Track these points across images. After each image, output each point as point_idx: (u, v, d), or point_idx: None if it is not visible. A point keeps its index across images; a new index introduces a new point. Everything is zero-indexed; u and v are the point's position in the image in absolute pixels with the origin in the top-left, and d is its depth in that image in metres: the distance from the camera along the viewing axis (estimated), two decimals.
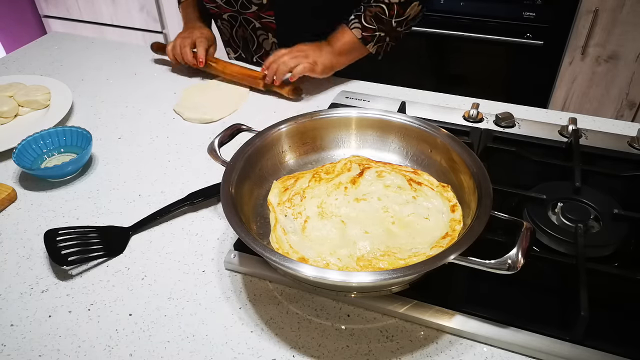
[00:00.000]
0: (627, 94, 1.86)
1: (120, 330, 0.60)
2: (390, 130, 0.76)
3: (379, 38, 1.01)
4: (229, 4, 1.07)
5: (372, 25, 0.99)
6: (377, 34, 1.00)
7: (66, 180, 0.83)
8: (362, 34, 0.99)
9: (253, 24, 1.09)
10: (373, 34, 1.00)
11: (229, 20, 1.12)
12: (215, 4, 1.09)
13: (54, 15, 2.54)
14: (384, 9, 0.98)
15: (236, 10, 1.08)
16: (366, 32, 0.99)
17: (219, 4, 1.08)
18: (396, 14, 0.98)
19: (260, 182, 0.71)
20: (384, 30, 1.00)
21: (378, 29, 0.99)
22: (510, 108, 0.98)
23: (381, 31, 1.00)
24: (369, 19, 0.99)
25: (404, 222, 0.65)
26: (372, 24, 0.99)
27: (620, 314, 0.60)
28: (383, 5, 0.98)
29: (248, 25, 1.10)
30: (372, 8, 0.99)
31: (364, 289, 0.58)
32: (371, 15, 0.99)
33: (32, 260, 0.69)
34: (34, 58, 1.23)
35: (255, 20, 1.08)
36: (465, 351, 0.57)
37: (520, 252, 0.53)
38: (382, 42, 1.02)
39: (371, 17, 0.99)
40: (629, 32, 1.74)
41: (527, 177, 0.82)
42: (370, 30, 0.99)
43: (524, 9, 1.80)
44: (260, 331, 0.59)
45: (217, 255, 0.69)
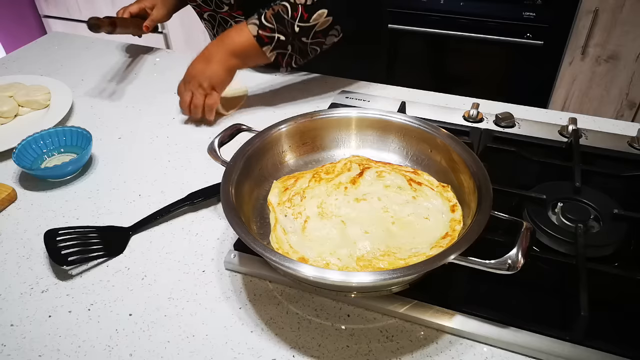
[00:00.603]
0: (627, 94, 1.86)
1: (120, 330, 0.60)
2: (390, 130, 0.77)
3: (279, 42, 0.88)
4: (206, 3, 1.05)
5: (271, 24, 0.87)
6: (275, 35, 0.87)
7: (66, 180, 0.83)
8: (258, 32, 0.87)
9: (230, 23, 1.07)
10: (271, 34, 0.87)
11: (209, 19, 1.11)
12: (195, 2, 1.07)
13: (54, 15, 2.54)
14: (287, 8, 0.87)
15: (212, 10, 1.06)
16: (263, 30, 0.87)
17: (199, 3, 1.07)
18: (300, 16, 0.87)
19: (260, 182, 0.71)
20: (284, 33, 0.88)
21: (277, 29, 0.87)
22: (510, 108, 0.98)
23: (281, 34, 0.87)
24: (270, 16, 0.87)
25: (404, 222, 0.65)
26: (271, 23, 0.87)
27: (620, 314, 0.60)
28: (286, 4, 0.87)
29: (226, 24, 1.08)
30: (276, 6, 0.88)
31: (364, 289, 0.58)
32: (272, 13, 0.87)
33: (32, 260, 0.69)
34: (34, 58, 1.23)
35: (231, 20, 1.06)
36: (465, 351, 0.57)
37: (520, 252, 0.53)
38: (283, 50, 0.90)
39: (272, 15, 0.87)
40: (629, 32, 1.74)
41: (527, 177, 0.82)
42: (268, 29, 0.87)
43: (524, 9, 1.80)
44: (260, 331, 0.59)
45: (217, 255, 0.70)
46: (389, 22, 1.24)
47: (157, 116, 1.00)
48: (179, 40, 2.40)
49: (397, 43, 2.03)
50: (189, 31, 2.33)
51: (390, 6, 1.93)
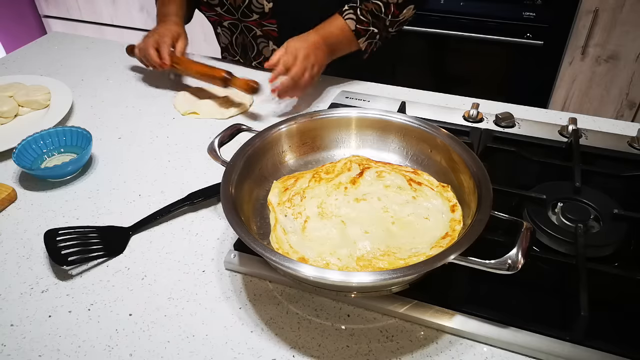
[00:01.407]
0: (627, 94, 1.86)
1: (120, 330, 0.60)
2: (390, 130, 0.76)
3: (371, 34, 0.98)
4: (230, 13, 1.06)
5: (367, 19, 0.96)
6: (370, 29, 0.97)
7: (66, 180, 0.83)
8: (357, 27, 0.96)
9: (254, 32, 1.08)
10: (367, 28, 0.97)
11: (229, 27, 1.11)
12: (214, 12, 1.08)
13: (54, 15, 2.54)
14: (381, 7, 0.96)
15: (237, 19, 1.07)
16: (361, 25, 0.96)
17: (219, 12, 1.07)
18: (392, 13, 0.97)
19: (260, 182, 0.71)
20: (377, 26, 0.98)
21: (372, 24, 0.97)
22: (510, 108, 0.98)
23: (375, 27, 0.97)
24: (365, 12, 0.96)
25: (404, 222, 0.65)
26: (368, 18, 0.96)
27: (620, 314, 0.60)
28: (380, 4, 0.96)
29: (249, 32, 1.09)
30: (369, 4, 0.97)
31: (364, 289, 0.58)
32: (367, 10, 0.96)
33: (32, 260, 0.69)
34: (34, 58, 1.23)
35: (257, 28, 1.07)
36: (465, 351, 0.57)
37: (520, 252, 0.53)
38: (373, 40, 1.00)
39: (367, 11, 0.96)
40: (629, 32, 1.74)
41: (527, 177, 0.82)
42: (365, 23, 0.97)
43: (524, 9, 1.80)
44: (260, 331, 0.59)
45: (217, 255, 0.70)
46: None
47: (157, 116, 1.00)
48: None
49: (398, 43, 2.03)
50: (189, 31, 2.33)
51: None
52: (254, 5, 1.02)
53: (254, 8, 1.03)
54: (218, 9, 1.07)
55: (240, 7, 1.04)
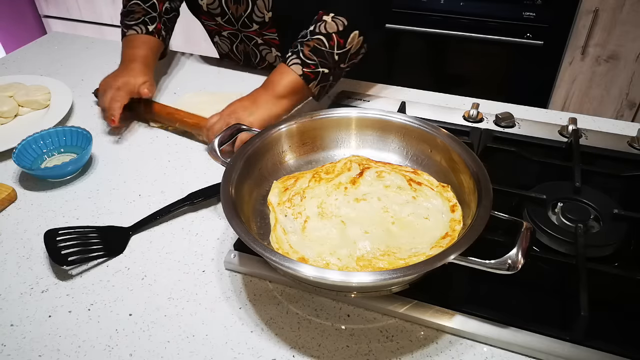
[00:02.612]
0: (627, 94, 1.86)
1: (120, 330, 0.60)
2: (390, 130, 0.76)
3: (323, 76, 0.88)
4: (229, 23, 1.05)
5: (312, 59, 0.86)
6: (319, 70, 0.87)
7: (66, 180, 0.83)
8: (303, 70, 0.86)
9: (255, 41, 1.07)
10: (315, 70, 0.86)
11: (229, 37, 1.10)
12: (214, 22, 1.07)
13: (54, 15, 2.54)
14: (322, 40, 0.86)
15: (236, 29, 1.06)
16: (307, 67, 0.86)
17: (219, 22, 1.06)
18: (337, 44, 0.86)
19: (260, 182, 0.71)
20: (326, 65, 0.87)
21: (320, 63, 0.86)
22: (510, 108, 0.98)
23: (324, 67, 0.87)
24: (308, 52, 0.86)
25: (404, 222, 0.65)
26: (312, 58, 0.86)
27: (620, 314, 0.60)
28: (321, 37, 0.86)
29: (250, 41, 1.08)
30: (310, 42, 0.87)
31: (364, 289, 0.58)
32: (310, 49, 0.86)
33: (32, 260, 0.69)
34: (34, 58, 1.23)
35: (257, 37, 1.06)
36: (465, 351, 0.57)
37: (520, 252, 0.53)
38: (325, 82, 0.89)
39: (310, 51, 0.86)
40: (629, 32, 1.74)
41: (527, 177, 0.82)
42: (311, 65, 0.86)
43: (524, 9, 1.80)
44: (260, 331, 0.59)
45: (217, 255, 0.69)
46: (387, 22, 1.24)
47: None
48: (179, 41, 2.40)
49: (397, 43, 2.03)
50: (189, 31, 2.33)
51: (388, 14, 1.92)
52: (255, 15, 1.01)
53: (255, 18, 1.01)
54: (219, 19, 1.05)
55: (241, 16, 1.02)
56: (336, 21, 0.86)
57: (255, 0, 0.99)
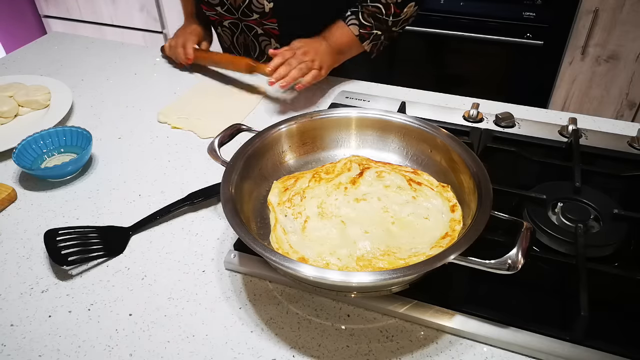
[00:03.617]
0: (627, 94, 1.86)
1: (120, 330, 0.60)
2: (390, 130, 0.76)
3: (375, 36, 1.01)
4: (230, 12, 1.07)
5: (369, 23, 0.99)
6: (374, 32, 1.00)
7: (66, 180, 0.83)
8: (360, 31, 1.00)
9: (255, 30, 1.08)
10: (370, 31, 1.00)
11: (230, 27, 1.11)
12: (215, 11, 1.08)
13: (54, 15, 2.54)
14: (381, 9, 0.99)
15: (237, 18, 1.08)
16: (363, 29, 1.00)
17: (219, 12, 1.08)
18: (393, 13, 0.99)
19: (260, 182, 0.71)
20: (380, 28, 1.00)
21: (375, 27, 1.00)
22: (510, 108, 0.98)
23: (378, 29, 1.00)
24: (367, 16, 0.99)
25: (404, 222, 0.65)
26: (370, 22, 0.99)
27: (620, 314, 0.60)
28: (380, 5, 0.98)
29: (250, 31, 1.09)
30: (370, 7, 0.99)
31: (364, 289, 0.58)
32: (369, 13, 0.99)
33: (32, 260, 0.69)
34: (34, 58, 1.23)
35: (258, 27, 1.07)
36: (465, 351, 0.57)
37: (520, 252, 0.53)
38: (378, 41, 1.03)
39: (369, 15, 0.99)
40: (629, 32, 1.74)
41: (527, 177, 0.82)
42: (367, 27, 1.00)
43: (524, 9, 1.80)
44: (260, 331, 0.59)
45: (217, 255, 0.70)
46: None
47: (157, 116, 1.00)
48: None
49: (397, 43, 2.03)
50: None
51: None
52: (254, 5, 1.02)
53: (254, 8, 1.03)
54: (218, 9, 1.07)
55: (240, 6, 1.04)
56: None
57: None
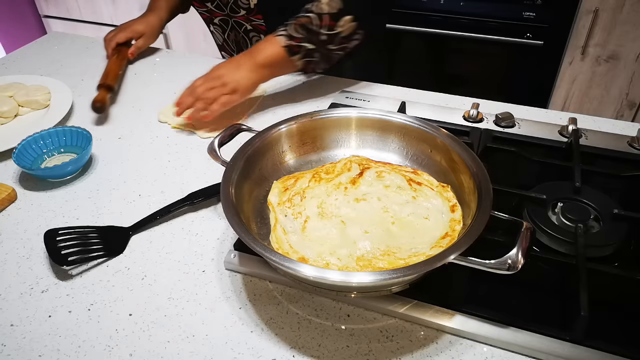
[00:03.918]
0: (627, 94, 1.86)
1: (120, 330, 0.60)
2: (390, 130, 0.76)
3: (307, 51, 0.91)
4: (219, 8, 1.06)
5: (299, 34, 0.90)
6: (304, 44, 0.90)
7: (66, 180, 0.83)
8: (288, 42, 0.90)
9: (244, 27, 1.08)
10: (299, 43, 0.90)
11: (220, 24, 1.11)
12: (206, 8, 1.08)
13: (54, 15, 2.54)
14: (312, 19, 0.89)
15: (226, 14, 1.07)
16: (292, 40, 0.90)
17: (210, 9, 1.07)
18: (327, 25, 0.89)
19: (260, 182, 0.71)
20: (312, 41, 0.90)
21: (306, 39, 0.90)
22: (510, 108, 0.98)
23: (309, 42, 0.90)
24: (297, 27, 0.90)
25: (404, 222, 0.65)
26: (299, 33, 0.90)
27: (620, 314, 0.60)
28: (312, 15, 0.89)
29: (240, 28, 1.09)
30: (302, 18, 0.90)
31: (364, 289, 0.58)
32: (299, 24, 0.90)
33: (32, 260, 0.69)
34: (34, 58, 1.23)
35: (246, 23, 1.07)
36: (465, 351, 0.57)
37: (520, 252, 0.53)
38: (310, 57, 0.92)
39: (299, 26, 0.90)
40: (629, 32, 1.74)
41: (527, 177, 0.82)
42: (296, 39, 0.90)
43: (524, 9, 1.80)
44: (260, 331, 0.59)
45: (217, 255, 0.70)
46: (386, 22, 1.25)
47: (157, 116, 1.00)
48: (179, 40, 2.40)
49: (397, 43, 2.03)
50: (189, 31, 2.33)
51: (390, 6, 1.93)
52: (240, 1, 1.02)
53: (241, 4, 1.02)
54: (209, 5, 1.07)
55: (228, 2, 1.03)
56: (331, 4, 0.89)
57: None
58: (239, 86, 0.91)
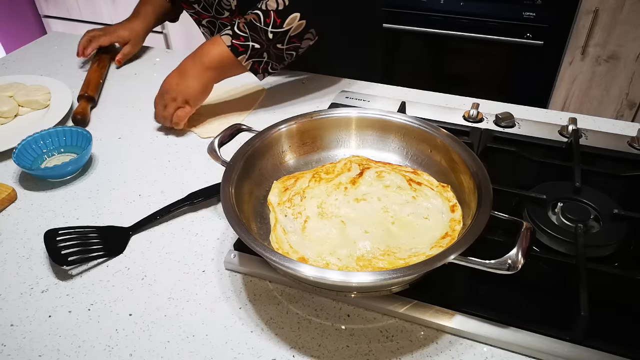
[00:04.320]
0: (627, 94, 1.87)
1: (120, 330, 0.60)
2: (390, 130, 0.76)
3: (254, 51, 0.87)
4: (206, 10, 1.05)
5: (244, 32, 0.86)
6: (249, 44, 0.86)
7: (66, 180, 0.83)
8: (232, 42, 0.87)
9: None
10: (245, 43, 0.86)
11: (208, 25, 1.10)
12: (193, 10, 1.08)
13: (54, 15, 2.54)
14: (259, 15, 0.86)
15: (213, 16, 1.06)
16: (237, 39, 0.86)
17: (197, 10, 1.07)
18: (272, 22, 0.85)
19: (260, 182, 0.71)
20: (258, 41, 0.87)
21: (251, 37, 0.86)
22: (510, 108, 0.98)
23: (255, 42, 0.86)
24: (242, 25, 0.87)
25: (404, 222, 0.65)
26: (244, 32, 0.86)
27: (620, 314, 0.60)
28: (258, 12, 0.86)
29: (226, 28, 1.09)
30: (248, 16, 0.87)
31: (364, 289, 0.58)
32: (244, 22, 0.87)
33: (32, 260, 0.69)
34: (34, 58, 1.23)
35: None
36: (465, 351, 0.57)
37: (520, 252, 0.53)
38: (260, 58, 0.89)
39: (244, 24, 0.87)
40: (629, 32, 1.74)
41: (527, 177, 0.82)
42: (241, 38, 0.86)
43: (524, 9, 1.80)
44: (260, 331, 0.59)
45: (217, 255, 0.70)
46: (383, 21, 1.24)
47: None
48: (179, 40, 2.40)
49: (397, 43, 2.03)
50: (189, 31, 2.33)
51: (390, 6, 1.93)
52: (223, 3, 1.01)
53: (224, 5, 1.01)
54: (196, 6, 1.06)
55: (213, 4, 1.02)
56: (278, 0, 0.85)
57: None
58: (187, 96, 0.91)
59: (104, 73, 1.12)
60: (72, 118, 0.97)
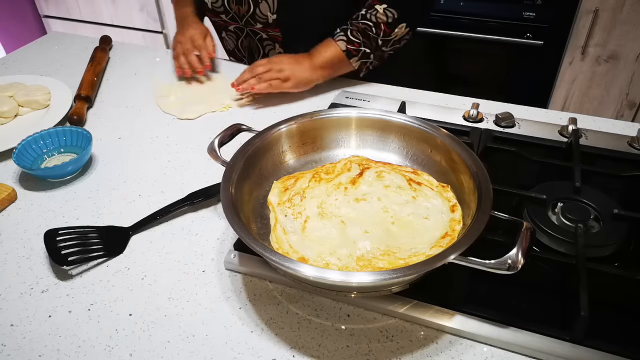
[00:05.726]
0: (627, 94, 1.86)
1: (120, 330, 0.60)
2: (390, 130, 0.76)
3: (364, 54, 0.99)
4: (234, 20, 1.08)
5: (358, 39, 0.98)
6: (362, 49, 0.99)
7: (66, 180, 0.83)
8: (347, 47, 0.98)
9: (260, 35, 1.09)
10: (358, 48, 0.98)
11: (235, 31, 1.12)
12: (220, 18, 1.10)
13: (54, 15, 2.54)
14: (371, 26, 0.97)
15: (241, 24, 1.09)
16: (351, 45, 0.98)
17: (224, 19, 1.09)
18: (383, 32, 0.98)
19: (260, 182, 0.71)
20: (369, 47, 0.99)
21: (363, 43, 0.98)
22: (510, 108, 0.98)
23: (366, 47, 0.99)
24: (356, 32, 0.98)
25: (404, 222, 0.65)
26: (358, 38, 0.98)
27: (620, 314, 0.60)
28: (370, 23, 0.97)
29: (255, 36, 1.10)
30: (360, 24, 0.98)
31: (364, 289, 0.58)
32: (357, 30, 0.98)
33: (32, 260, 0.69)
34: (34, 58, 1.23)
35: (262, 32, 1.09)
36: (465, 351, 0.57)
37: (520, 252, 0.53)
38: (366, 59, 1.01)
39: (357, 32, 0.98)
40: (629, 32, 1.74)
41: (527, 177, 0.82)
42: (355, 43, 0.98)
43: (524, 9, 1.80)
44: (260, 331, 0.59)
45: (217, 255, 0.70)
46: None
47: (157, 116, 1.00)
48: None
49: None
50: None
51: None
52: (257, 16, 1.03)
53: (258, 18, 1.04)
54: (223, 16, 1.08)
55: (244, 16, 1.05)
56: (387, 13, 0.97)
57: (258, 3, 1.01)
58: (293, 76, 0.98)
59: (98, 71, 1.12)
60: (69, 119, 0.96)
